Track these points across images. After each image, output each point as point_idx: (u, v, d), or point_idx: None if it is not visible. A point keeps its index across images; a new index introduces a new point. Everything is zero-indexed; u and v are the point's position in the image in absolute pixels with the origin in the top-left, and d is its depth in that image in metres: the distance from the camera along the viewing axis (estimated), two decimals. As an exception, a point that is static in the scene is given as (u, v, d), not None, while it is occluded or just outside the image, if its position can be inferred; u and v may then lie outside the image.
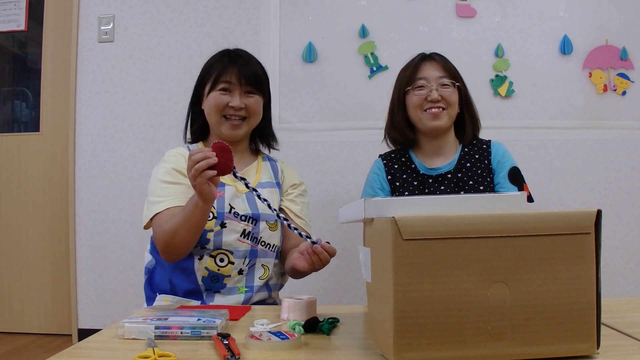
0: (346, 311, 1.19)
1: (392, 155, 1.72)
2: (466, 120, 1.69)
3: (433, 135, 1.64)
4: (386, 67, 2.82)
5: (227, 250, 1.46)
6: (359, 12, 2.83)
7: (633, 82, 2.76)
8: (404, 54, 2.83)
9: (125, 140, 2.93)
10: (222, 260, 1.46)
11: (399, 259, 0.76)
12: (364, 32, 2.81)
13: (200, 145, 1.62)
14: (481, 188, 1.59)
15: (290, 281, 1.67)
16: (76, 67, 2.94)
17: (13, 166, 3.09)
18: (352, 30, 2.82)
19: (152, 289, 1.55)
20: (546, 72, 2.75)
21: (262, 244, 1.50)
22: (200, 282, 1.46)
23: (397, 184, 1.65)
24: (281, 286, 1.63)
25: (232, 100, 1.50)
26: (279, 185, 1.61)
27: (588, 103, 2.72)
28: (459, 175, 1.59)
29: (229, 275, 1.46)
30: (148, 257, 1.60)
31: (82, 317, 2.95)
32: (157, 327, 0.94)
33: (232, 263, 1.46)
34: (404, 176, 1.65)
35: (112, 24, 2.94)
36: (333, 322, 1.01)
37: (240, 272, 1.47)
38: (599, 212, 0.80)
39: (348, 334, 0.99)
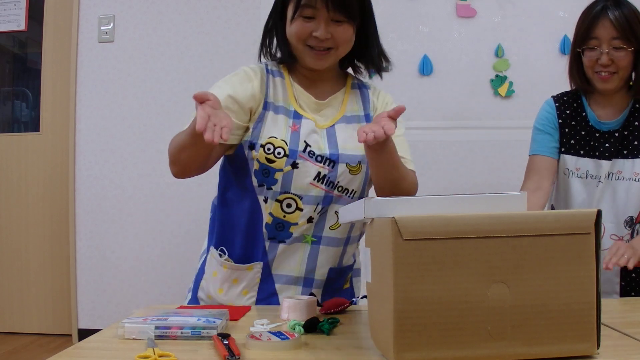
0: (346, 311, 1.19)
1: (565, 98, 1.67)
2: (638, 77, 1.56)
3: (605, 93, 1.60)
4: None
5: (296, 195, 1.27)
6: (359, 12, 2.83)
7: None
8: (404, 54, 2.84)
9: (125, 140, 2.93)
10: (289, 205, 1.28)
11: (399, 259, 0.76)
12: (364, 32, 2.81)
13: (283, 69, 1.37)
14: None
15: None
16: (76, 67, 2.94)
17: (13, 166, 3.09)
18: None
19: (215, 222, 1.41)
20: (546, 72, 2.75)
21: (340, 189, 1.29)
22: (264, 230, 1.30)
23: (567, 130, 1.62)
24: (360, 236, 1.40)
25: (316, 29, 1.25)
26: (369, 118, 1.37)
27: (588, 103, 2.72)
28: (626, 133, 1.56)
29: (296, 223, 1.28)
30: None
31: (82, 317, 2.95)
32: (157, 327, 0.94)
33: (301, 210, 1.28)
34: (573, 123, 1.62)
35: (112, 24, 2.94)
36: (333, 322, 1.01)
37: (310, 219, 1.29)
38: (599, 212, 0.80)
39: (348, 334, 0.99)
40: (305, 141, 1.27)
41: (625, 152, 1.54)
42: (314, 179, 1.27)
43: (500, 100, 2.80)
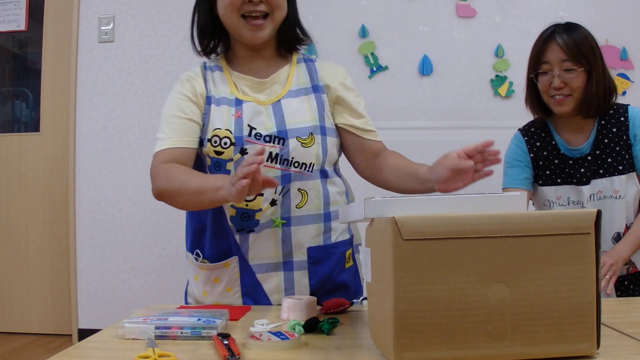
0: (346, 311, 1.19)
1: (532, 129, 1.67)
2: (595, 96, 1.54)
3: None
4: (386, 67, 2.82)
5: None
6: (359, 12, 2.83)
7: (633, 82, 2.76)
8: (404, 54, 2.84)
9: (125, 140, 2.93)
10: None
11: (399, 259, 0.76)
12: (364, 32, 2.81)
13: (221, 60, 1.36)
14: (620, 168, 1.55)
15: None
16: (76, 67, 2.94)
17: (13, 166, 3.09)
18: (352, 30, 2.82)
19: (188, 227, 1.40)
20: (546, 72, 2.75)
21: (296, 165, 1.26)
22: (230, 223, 1.27)
23: (540, 162, 1.63)
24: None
25: None
26: (317, 88, 1.34)
27: (588, 103, 2.72)
28: (598, 153, 1.57)
29: (260, 209, 1.25)
30: None
31: (82, 317, 2.95)
32: (157, 327, 0.94)
33: (261, 194, 1.24)
34: (545, 153, 1.63)
35: (112, 24, 2.94)
36: (333, 322, 1.01)
37: (273, 202, 1.25)
38: (598, 213, 0.80)
39: (348, 334, 0.99)
40: (249, 125, 1.26)
41: (601, 171, 1.56)
42: (267, 160, 1.24)
43: (500, 100, 2.80)
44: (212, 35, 1.34)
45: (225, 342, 0.88)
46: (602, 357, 0.80)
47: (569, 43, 1.52)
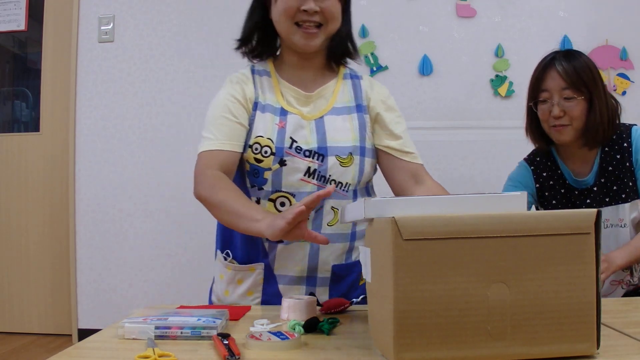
0: (346, 311, 1.19)
1: (538, 159, 1.64)
2: (599, 124, 1.51)
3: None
4: (386, 67, 2.82)
5: (288, 193, 1.26)
6: (359, 12, 2.82)
7: (633, 82, 2.76)
8: (404, 54, 2.84)
9: (125, 140, 2.93)
10: (282, 204, 1.26)
11: (399, 259, 0.76)
12: (364, 32, 2.81)
13: (269, 65, 1.36)
14: (623, 196, 1.52)
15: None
16: (76, 67, 2.94)
17: (13, 166, 3.09)
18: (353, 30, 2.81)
19: (217, 233, 1.41)
20: (546, 72, 2.75)
21: (333, 183, 1.27)
22: None
23: (546, 193, 1.60)
24: None
25: (304, 4, 1.23)
26: (361, 108, 1.34)
27: (588, 103, 2.72)
28: (603, 181, 1.54)
29: None
30: None
31: (82, 317, 2.95)
32: (157, 327, 0.94)
33: None
34: (551, 183, 1.60)
35: (112, 24, 2.94)
36: (333, 322, 1.01)
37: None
38: (598, 213, 0.80)
39: (348, 334, 0.99)
40: (291, 137, 1.26)
41: (607, 199, 1.53)
42: (305, 175, 1.25)
43: (500, 100, 2.80)
44: (262, 40, 1.35)
45: (225, 342, 0.88)
46: (602, 357, 0.80)
47: (568, 70, 1.48)
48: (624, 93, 2.73)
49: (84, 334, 2.77)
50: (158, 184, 2.91)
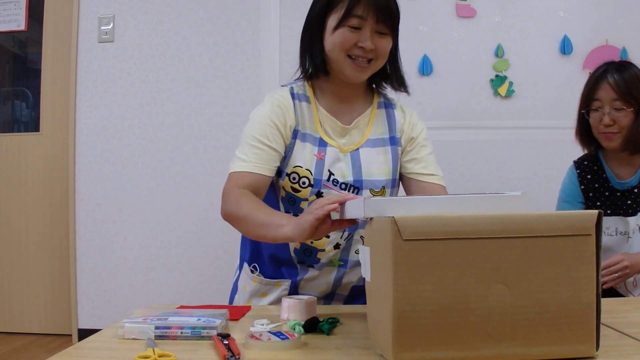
0: (346, 311, 1.19)
1: (585, 162, 1.76)
2: None
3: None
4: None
5: None
6: (359, 12, 2.83)
7: (633, 82, 2.75)
8: (404, 54, 2.82)
9: (125, 140, 2.93)
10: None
11: (398, 259, 0.76)
12: (364, 32, 2.80)
13: (308, 90, 1.34)
14: None
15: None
16: (76, 67, 2.94)
17: (13, 166, 3.09)
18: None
19: (244, 246, 1.44)
20: (546, 72, 2.75)
21: None
22: (292, 254, 1.33)
23: (590, 194, 1.72)
24: None
25: (361, 40, 1.24)
26: (394, 140, 1.37)
27: (588, 103, 2.72)
28: None
29: (323, 250, 1.31)
30: None
31: (82, 317, 2.95)
32: (157, 327, 0.94)
33: (328, 237, 1.29)
34: (596, 185, 1.71)
35: (112, 24, 2.94)
36: (333, 322, 1.01)
37: (337, 246, 1.31)
38: (599, 214, 0.80)
39: (348, 334, 0.99)
40: (329, 170, 1.29)
41: None
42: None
43: (500, 100, 2.80)
44: (314, 56, 1.33)
45: (225, 342, 0.88)
46: (602, 357, 0.80)
47: (620, 83, 1.59)
48: (624, 93, 2.74)
49: (84, 334, 2.77)
50: (158, 184, 2.91)
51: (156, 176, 2.91)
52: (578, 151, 2.72)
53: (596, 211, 0.80)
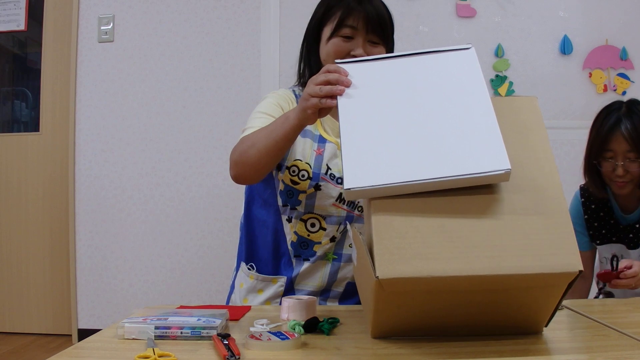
0: (346, 311, 1.19)
1: (590, 190, 1.73)
2: None
3: None
4: (386, 67, 2.82)
5: (319, 215, 1.34)
6: (359, 12, 2.83)
7: (633, 82, 2.76)
8: (404, 54, 2.83)
9: (125, 140, 2.93)
10: (313, 225, 1.35)
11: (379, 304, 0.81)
12: (364, 32, 2.81)
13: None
14: None
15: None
16: (76, 67, 2.94)
17: (13, 166, 3.09)
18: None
19: (241, 247, 1.47)
20: (546, 72, 2.75)
21: (360, 209, 1.36)
22: (289, 247, 1.37)
23: (595, 224, 1.72)
24: None
25: (354, 49, 1.30)
26: None
27: (588, 103, 2.72)
28: None
29: (320, 242, 1.36)
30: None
31: (82, 317, 2.95)
32: (157, 327, 0.94)
33: (324, 229, 1.35)
34: (601, 214, 1.71)
35: (112, 24, 2.93)
36: (333, 322, 1.01)
37: (333, 239, 1.36)
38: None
39: (348, 334, 0.99)
40: (327, 164, 1.32)
41: None
42: (336, 200, 1.33)
43: (500, 100, 2.80)
44: (312, 66, 1.39)
45: (225, 342, 0.88)
46: (603, 357, 0.80)
47: (633, 134, 1.57)
48: (624, 93, 2.73)
49: (84, 334, 2.77)
50: (158, 184, 2.91)
51: (156, 176, 2.91)
52: (578, 151, 2.73)
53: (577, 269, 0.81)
